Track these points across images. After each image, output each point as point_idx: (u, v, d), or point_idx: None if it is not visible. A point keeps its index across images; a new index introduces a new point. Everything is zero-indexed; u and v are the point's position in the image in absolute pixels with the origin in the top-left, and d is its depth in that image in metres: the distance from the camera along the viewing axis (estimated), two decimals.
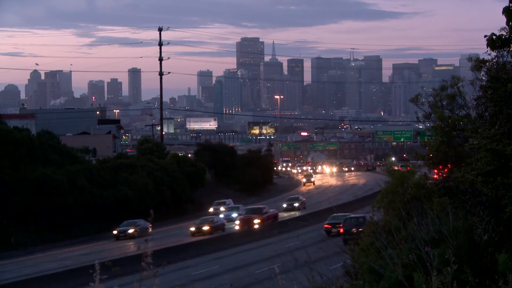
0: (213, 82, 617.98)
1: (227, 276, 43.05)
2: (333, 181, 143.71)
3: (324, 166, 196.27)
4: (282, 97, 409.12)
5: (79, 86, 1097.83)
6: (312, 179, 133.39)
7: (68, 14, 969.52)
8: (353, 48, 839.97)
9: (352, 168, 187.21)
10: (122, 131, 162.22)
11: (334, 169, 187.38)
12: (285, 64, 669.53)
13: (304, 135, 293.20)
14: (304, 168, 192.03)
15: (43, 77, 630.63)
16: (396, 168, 39.29)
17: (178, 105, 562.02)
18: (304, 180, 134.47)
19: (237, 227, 65.41)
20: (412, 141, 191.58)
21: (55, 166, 75.31)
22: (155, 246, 8.10)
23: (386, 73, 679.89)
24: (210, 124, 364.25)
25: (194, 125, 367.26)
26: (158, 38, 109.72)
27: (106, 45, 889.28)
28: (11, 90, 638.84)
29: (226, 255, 52.97)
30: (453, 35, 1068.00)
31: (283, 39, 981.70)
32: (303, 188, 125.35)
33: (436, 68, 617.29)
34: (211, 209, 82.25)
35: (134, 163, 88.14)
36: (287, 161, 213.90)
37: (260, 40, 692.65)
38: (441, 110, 24.57)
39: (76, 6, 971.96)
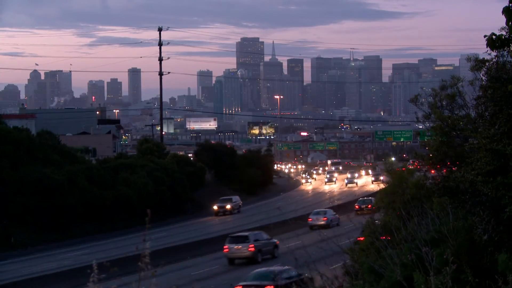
0: (213, 82, 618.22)
1: (227, 276, 43.06)
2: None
3: (363, 172, 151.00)
4: (282, 97, 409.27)
5: (79, 86, 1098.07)
6: (229, 206, 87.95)
7: (68, 14, 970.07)
8: (353, 48, 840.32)
9: (382, 178, 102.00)
10: (122, 131, 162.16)
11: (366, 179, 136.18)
12: (285, 64, 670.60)
13: (304, 135, 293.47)
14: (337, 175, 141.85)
15: (43, 77, 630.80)
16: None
17: (178, 105, 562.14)
18: (215, 207, 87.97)
19: None
20: (412, 141, 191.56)
21: (55, 166, 75.31)
22: (154, 246, 8.08)
23: (386, 73, 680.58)
24: (210, 124, 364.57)
25: (194, 125, 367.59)
26: (158, 38, 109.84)
27: (106, 45, 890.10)
28: (11, 90, 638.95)
29: None
30: (453, 35, 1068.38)
31: (283, 39, 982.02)
32: (214, 218, 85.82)
33: (436, 68, 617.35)
34: None
35: (134, 163, 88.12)
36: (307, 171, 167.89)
37: (260, 40, 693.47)
38: (440, 110, 24.55)
39: (76, 6, 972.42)
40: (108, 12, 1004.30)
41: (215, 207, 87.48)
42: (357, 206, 72.90)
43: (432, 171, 25.55)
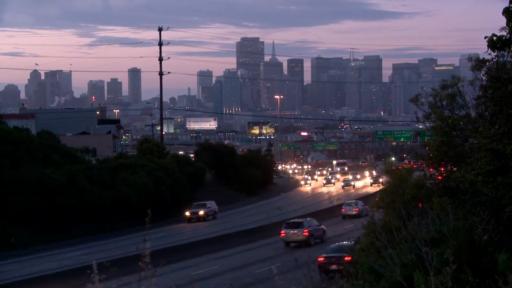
0: (213, 82, 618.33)
1: (227, 276, 43.08)
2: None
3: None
4: (282, 97, 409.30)
5: (79, 86, 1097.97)
6: (202, 212, 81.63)
7: (69, 14, 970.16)
8: (353, 48, 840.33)
9: (381, 180, 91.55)
10: (122, 131, 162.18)
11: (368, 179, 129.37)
12: (285, 64, 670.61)
13: (304, 135, 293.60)
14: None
15: (43, 77, 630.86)
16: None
17: (178, 105, 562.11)
18: (187, 213, 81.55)
19: None
20: (412, 141, 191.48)
21: (55, 166, 75.30)
22: (154, 246, 8.08)
23: (386, 73, 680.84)
24: (210, 124, 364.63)
25: (194, 125, 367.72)
26: (158, 38, 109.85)
27: (106, 45, 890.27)
28: (11, 90, 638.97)
29: (226, 255, 52.99)
30: (453, 35, 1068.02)
31: (283, 39, 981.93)
32: (187, 225, 78.55)
33: (436, 68, 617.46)
34: None
35: (134, 163, 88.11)
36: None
37: (260, 40, 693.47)
38: (440, 110, 24.53)
39: (77, 6, 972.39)
40: (109, 12, 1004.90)
41: (187, 213, 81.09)
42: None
43: (431, 170, 25.54)
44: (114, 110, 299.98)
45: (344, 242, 38.08)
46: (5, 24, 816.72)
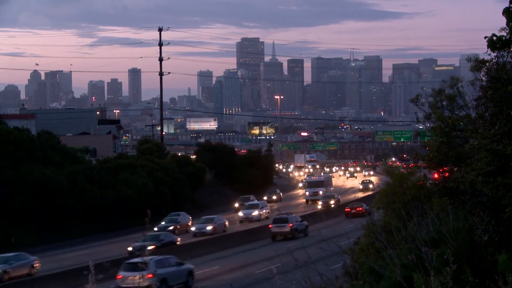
0: (213, 82, 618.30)
1: (227, 276, 43.07)
2: None
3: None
4: (282, 97, 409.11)
5: (79, 86, 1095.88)
6: None
7: (70, 14, 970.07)
8: (354, 48, 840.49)
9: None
10: (122, 131, 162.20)
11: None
12: (285, 64, 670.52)
13: (304, 135, 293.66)
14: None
15: (43, 77, 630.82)
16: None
17: (178, 105, 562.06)
18: None
19: None
20: (412, 141, 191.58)
21: (55, 166, 75.32)
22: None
23: (386, 73, 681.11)
24: (210, 124, 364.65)
25: (194, 125, 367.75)
26: (159, 38, 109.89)
27: (107, 45, 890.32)
28: (11, 90, 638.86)
29: (226, 255, 52.99)
30: (453, 35, 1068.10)
31: (284, 39, 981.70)
32: None
33: (436, 68, 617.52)
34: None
35: (134, 163, 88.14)
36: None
37: (261, 40, 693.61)
38: (441, 110, 24.51)
39: (78, 7, 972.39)
40: (110, 12, 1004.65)
41: None
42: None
43: (436, 174, 25.48)
44: (114, 110, 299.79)
45: None
46: (6, 24, 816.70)
